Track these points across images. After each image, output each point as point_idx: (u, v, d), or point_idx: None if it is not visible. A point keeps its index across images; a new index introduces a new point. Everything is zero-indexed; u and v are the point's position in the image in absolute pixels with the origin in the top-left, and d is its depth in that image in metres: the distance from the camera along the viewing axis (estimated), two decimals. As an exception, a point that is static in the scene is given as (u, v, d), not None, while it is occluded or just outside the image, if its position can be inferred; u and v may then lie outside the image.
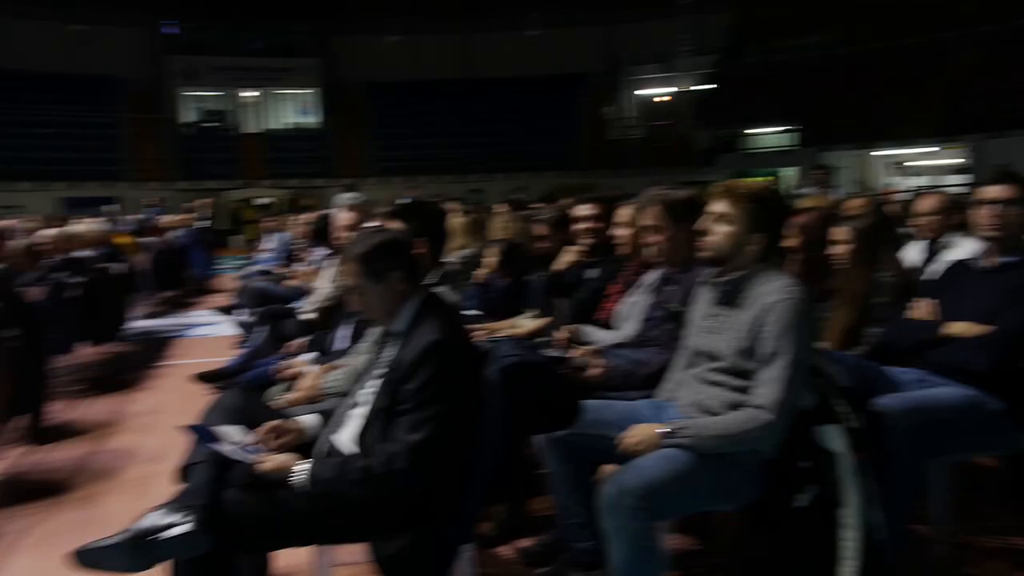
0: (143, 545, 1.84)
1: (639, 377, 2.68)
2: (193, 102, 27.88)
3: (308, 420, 2.25)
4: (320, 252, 5.80)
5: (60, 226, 7.11)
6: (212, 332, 8.37)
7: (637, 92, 28.99)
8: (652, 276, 3.00)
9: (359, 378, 2.28)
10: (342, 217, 3.94)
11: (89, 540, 1.92)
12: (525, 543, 2.88)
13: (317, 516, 1.97)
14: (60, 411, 5.12)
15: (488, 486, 2.15)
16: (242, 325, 7.09)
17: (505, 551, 2.90)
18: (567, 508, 2.49)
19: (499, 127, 26.84)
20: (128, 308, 7.77)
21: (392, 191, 21.88)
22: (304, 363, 3.31)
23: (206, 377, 5.76)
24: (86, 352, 6.38)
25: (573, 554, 2.50)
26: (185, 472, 2.08)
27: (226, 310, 8.60)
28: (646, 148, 26.50)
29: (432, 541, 1.98)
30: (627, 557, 2.05)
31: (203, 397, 5.50)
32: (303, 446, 2.16)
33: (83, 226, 7.39)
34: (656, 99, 28.70)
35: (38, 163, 22.91)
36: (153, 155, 25.01)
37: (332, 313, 4.00)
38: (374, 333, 2.38)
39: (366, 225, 3.38)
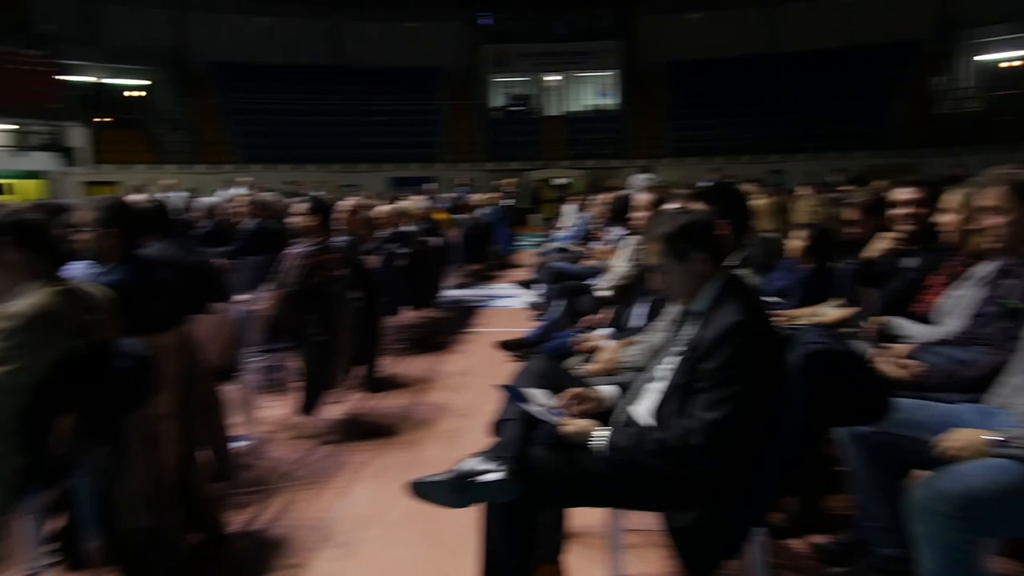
0: (463, 485, 2.09)
1: (963, 379, 2.43)
2: (502, 88, 29.87)
3: (607, 390, 2.37)
4: (617, 231, 5.96)
5: (392, 203, 8.08)
6: (512, 304, 9.02)
7: (977, 58, 25.35)
8: (986, 268, 2.69)
9: (656, 354, 2.36)
10: (641, 198, 4.03)
11: (408, 478, 2.23)
12: (818, 539, 2.77)
13: (613, 481, 2.08)
14: (388, 365, 5.87)
15: (783, 474, 2.10)
16: (541, 298, 7.57)
17: (796, 544, 2.82)
18: (869, 510, 2.35)
19: (803, 104, 25.13)
20: (442, 278, 8.62)
21: (686, 172, 21.60)
22: (601, 337, 3.46)
23: (507, 345, 6.25)
24: (408, 315, 7.22)
25: (875, 559, 2.35)
26: (498, 427, 2.30)
27: (525, 284, 9.21)
28: (983, 122, 23.14)
29: (725, 519, 2.00)
30: (939, 570, 1.90)
31: (505, 363, 5.98)
32: (601, 414, 2.29)
33: (409, 203, 8.32)
34: (1002, 64, 24.84)
35: (373, 147, 26.16)
36: (466, 138, 27.27)
37: (628, 291, 4.12)
38: (672, 311, 2.43)
39: (665, 206, 3.43)
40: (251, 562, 2.97)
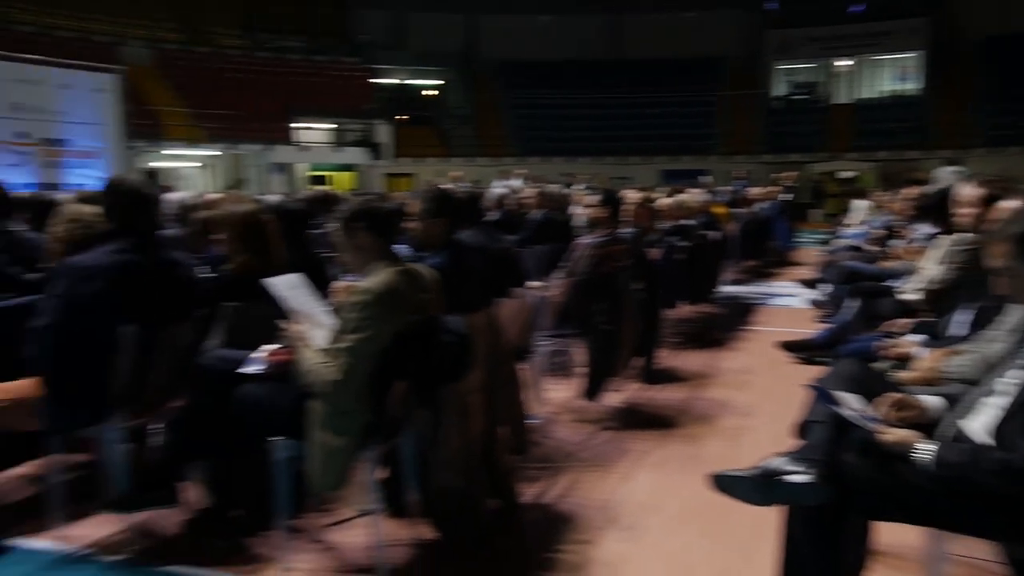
0: (769, 484, 2.06)
1: None
2: (785, 75, 28.33)
3: (931, 401, 2.19)
4: (924, 229, 5.42)
5: (672, 196, 8.04)
6: (792, 303, 8.60)
7: None
8: None
9: (993, 367, 2.13)
10: (967, 193, 3.61)
11: (694, 472, 2.22)
12: None
13: (939, 498, 1.92)
14: (664, 358, 5.87)
15: None
16: (826, 299, 7.11)
17: None
18: None
19: None
20: (720, 273, 8.43)
21: (1004, 163, 18.98)
22: (911, 344, 3.18)
23: (790, 346, 5.97)
24: (683, 310, 7.16)
25: None
26: (804, 428, 2.23)
27: (809, 283, 8.70)
28: None
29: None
30: None
31: (787, 364, 5.73)
32: (922, 425, 2.12)
33: (688, 196, 8.22)
34: None
35: (646, 140, 26.19)
36: (743, 129, 26.30)
37: (943, 296, 3.74)
38: (1014, 320, 2.18)
39: (1005, 203, 3.05)
40: (543, 533, 3.16)
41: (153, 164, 20.34)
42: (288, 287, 2.83)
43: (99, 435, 2.97)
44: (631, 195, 6.00)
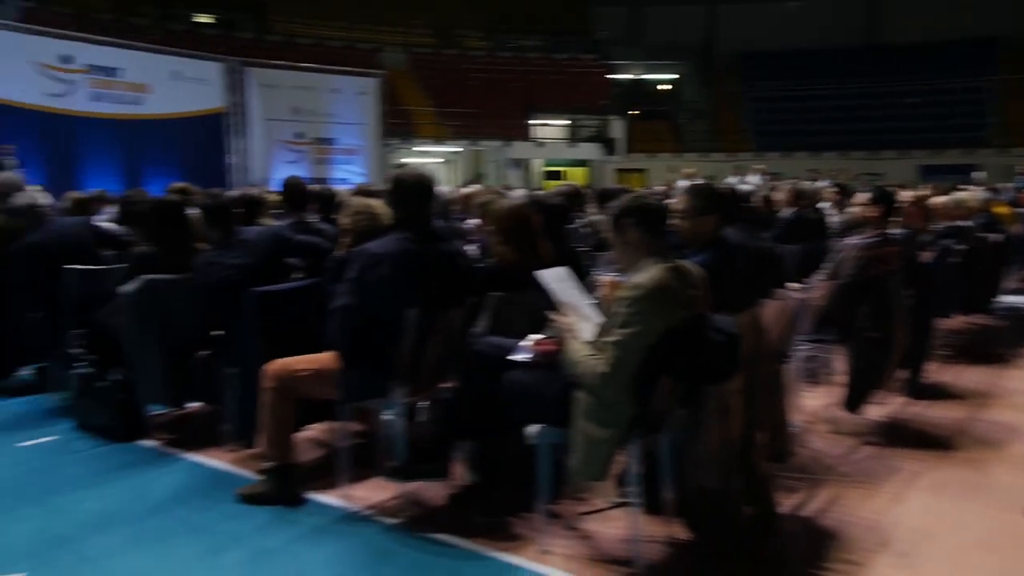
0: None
1: None
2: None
3: None
4: None
5: (947, 193, 7.26)
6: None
7: None
8: None
9: None
10: None
11: (979, 500, 1.94)
12: None
13: None
14: (934, 372, 5.32)
15: None
16: None
17: None
18: None
19: None
20: (1000, 281, 7.49)
21: None
22: None
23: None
24: (957, 320, 6.45)
25: None
26: None
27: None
28: None
29: None
30: None
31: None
32: None
33: (967, 194, 7.38)
34: None
35: (902, 132, 23.82)
36: (1024, 119, 23.13)
37: None
38: None
39: None
40: (804, 546, 3.00)
41: (403, 160, 22.02)
42: (556, 280, 2.92)
43: (378, 407, 3.26)
44: (904, 193, 5.49)
